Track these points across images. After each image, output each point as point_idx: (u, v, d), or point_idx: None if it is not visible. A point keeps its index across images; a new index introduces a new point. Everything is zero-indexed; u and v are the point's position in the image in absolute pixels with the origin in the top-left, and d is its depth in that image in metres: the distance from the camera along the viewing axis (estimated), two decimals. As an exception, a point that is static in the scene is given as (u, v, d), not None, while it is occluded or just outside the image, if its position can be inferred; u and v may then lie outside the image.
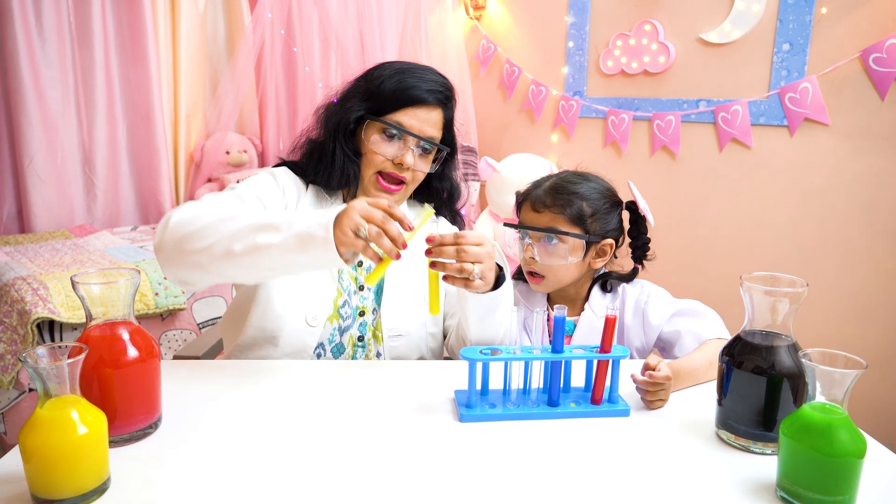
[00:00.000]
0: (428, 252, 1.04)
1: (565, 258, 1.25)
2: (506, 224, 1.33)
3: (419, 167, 1.26)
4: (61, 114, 2.96)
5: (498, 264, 1.12)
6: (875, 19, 2.20)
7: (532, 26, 3.14)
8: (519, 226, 1.29)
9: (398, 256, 0.98)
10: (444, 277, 1.05)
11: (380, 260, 0.98)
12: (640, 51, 2.75)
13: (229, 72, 3.38)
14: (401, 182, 1.26)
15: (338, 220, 0.97)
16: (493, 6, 3.27)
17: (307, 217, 0.99)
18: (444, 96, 1.26)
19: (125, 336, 0.84)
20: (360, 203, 0.98)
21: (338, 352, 1.26)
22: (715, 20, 2.56)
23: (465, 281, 1.04)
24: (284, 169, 1.32)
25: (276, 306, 1.20)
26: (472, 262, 1.03)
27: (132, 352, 0.84)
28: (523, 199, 1.33)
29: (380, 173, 1.25)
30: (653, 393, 0.98)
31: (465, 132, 3.32)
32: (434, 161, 1.30)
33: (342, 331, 1.26)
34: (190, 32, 3.42)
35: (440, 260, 1.04)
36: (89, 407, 0.73)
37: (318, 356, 1.24)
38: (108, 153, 3.17)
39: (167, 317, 2.43)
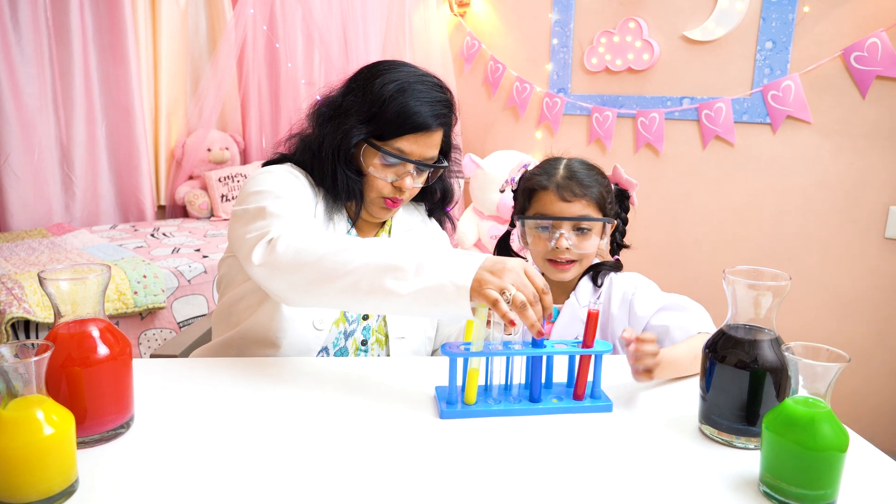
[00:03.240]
0: (537, 333, 0.93)
1: (596, 242, 1.28)
2: (538, 217, 1.28)
3: (418, 183, 1.25)
4: (38, 111, 2.91)
5: None
6: (856, 18, 2.22)
7: (516, 23, 3.13)
8: (561, 218, 1.25)
9: (540, 335, 0.91)
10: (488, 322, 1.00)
11: (511, 323, 0.89)
12: (625, 48, 2.75)
13: (211, 68, 3.34)
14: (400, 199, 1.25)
15: (484, 274, 0.90)
16: (478, 3, 3.26)
17: (439, 267, 0.92)
18: (446, 116, 1.22)
19: (95, 333, 0.82)
20: (517, 274, 0.90)
21: (341, 356, 1.23)
22: (699, 18, 2.56)
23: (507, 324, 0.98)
24: (297, 169, 1.25)
25: (284, 308, 1.16)
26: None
27: (102, 349, 0.82)
28: (539, 190, 1.28)
29: (382, 196, 1.23)
30: (640, 359, 0.96)
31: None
32: (435, 174, 1.29)
33: (347, 335, 1.24)
34: (171, 28, 3.37)
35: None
36: (56, 407, 0.70)
37: None
38: (86, 150, 3.12)
39: (147, 316, 2.39)
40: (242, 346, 1.19)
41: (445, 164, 1.28)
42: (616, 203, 1.36)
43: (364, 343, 1.26)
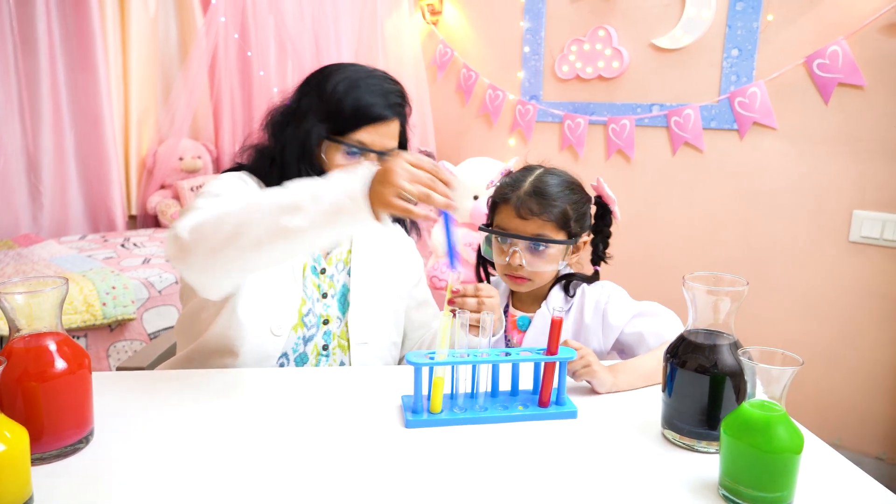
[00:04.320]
0: (451, 301, 1.06)
1: (553, 263, 1.25)
2: (491, 230, 1.29)
3: None
4: (3, 119, 2.86)
5: None
6: (818, 27, 2.27)
7: (488, 31, 3.15)
8: (504, 233, 1.26)
9: (450, 207, 0.93)
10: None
11: (433, 221, 0.95)
12: (595, 56, 2.78)
13: (182, 76, 3.31)
14: None
15: (377, 187, 0.91)
16: (450, 11, 3.27)
17: (331, 188, 0.93)
18: (401, 106, 1.24)
19: (52, 347, 0.81)
20: (402, 167, 0.91)
21: (301, 361, 1.22)
22: (666, 26, 2.60)
23: (476, 328, 1.06)
24: (247, 174, 1.26)
25: (240, 315, 1.15)
26: (488, 313, 1.03)
27: (60, 364, 0.80)
28: (500, 201, 1.29)
29: None
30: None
31: (423, 137, 3.31)
32: None
33: (306, 340, 1.23)
34: (140, 35, 3.34)
35: (459, 311, 1.03)
36: (7, 422, 0.69)
37: (282, 366, 1.20)
38: (54, 160, 3.06)
39: (116, 327, 2.36)
40: (202, 359, 1.18)
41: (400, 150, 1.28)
42: (598, 218, 1.35)
43: (325, 348, 1.25)
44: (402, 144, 1.30)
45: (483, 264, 1.40)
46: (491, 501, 0.76)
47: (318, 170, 1.21)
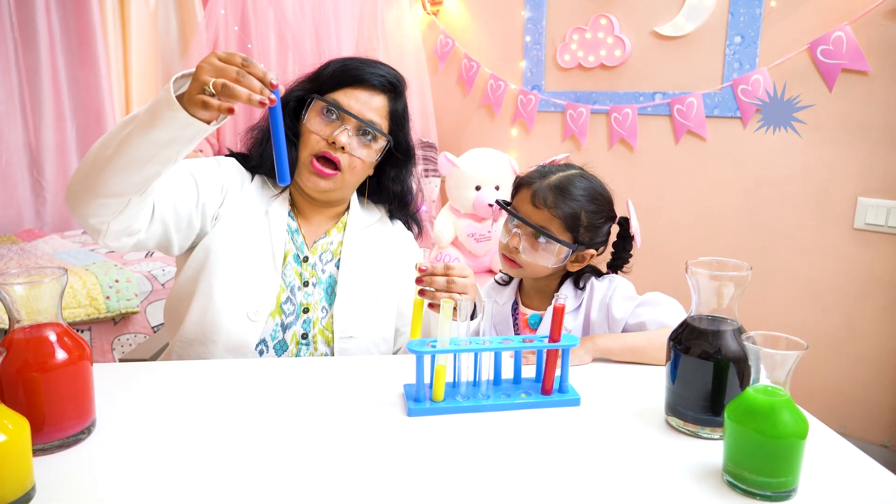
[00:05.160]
0: (419, 280, 1.05)
1: (548, 260, 1.23)
2: (500, 203, 1.28)
3: (356, 152, 1.23)
4: (5, 115, 2.86)
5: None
6: (822, 12, 2.24)
7: (489, 21, 3.13)
8: (513, 213, 1.24)
9: (272, 102, 0.92)
10: (430, 305, 1.07)
11: (229, 111, 0.91)
12: (597, 44, 2.76)
13: (182, 69, 3.30)
14: (336, 168, 1.23)
15: (187, 90, 0.92)
16: (451, 2, 3.25)
17: (157, 98, 0.95)
18: (389, 84, 1.24)
19: (52, 338, 0.80)
20: (208, 61, 0.91)
21: (280, 349, 1.22)
22: (668, 13, 2.58)
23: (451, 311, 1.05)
24: (231, 159, 1.30)
25: (217, 300, 1.16)
26: (460, 294, 1.04)
27: (60, 354, 0.80)
28: (523, 185, 1.28)
29: (315, 156, 1.22)
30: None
31: (425, 128, 3.30)
32: (377, 151, 1.27)
33: (285, 328, 1.22)
34: (141, 29, 3.33)
35: (429, 289, 1.05)
36: (9, 413, 0.69)
37: (261, 353, 1.20)
38: (56, 155, 3.07)
39: (120, 321, 2.36)
40: (182, 349, 1.19)
41: (387, 134, 1.26)
42: (619, 237, 1.33)
43: (305, 336, 1.23)
44: (394, 134, 1.29)
45: None
46: (494, 489, 0.75)
47: (298, 134, 1.25)
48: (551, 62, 2.94)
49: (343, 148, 1.21)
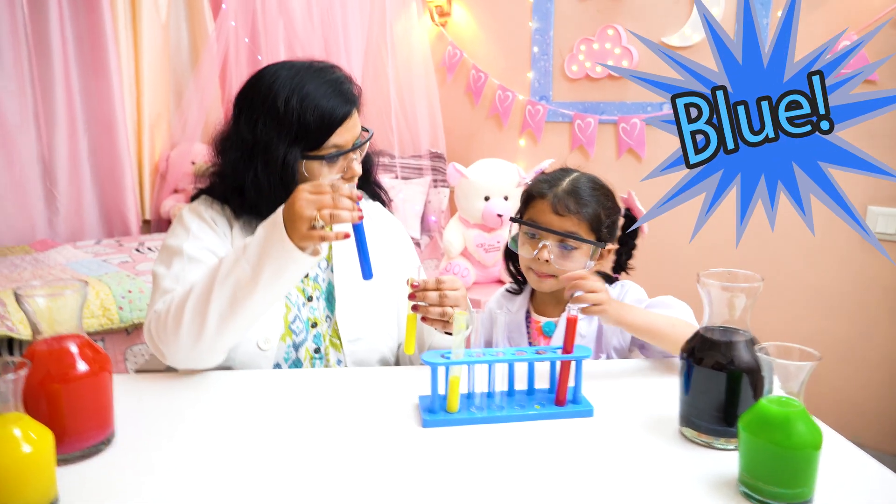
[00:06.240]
0: (411, 296, 1.08)
1: (579, 263, 1.24)
2: (524, 222, 1.28)
3: (359, 166, 1.24)
4: (19, 126, 2.89)
5: None
6: (828, 22, 2.25)
7: (497, 32, 3.16)
8: (543, 228, 1.24)
9: (360, 219, 1.02)
10: (423, 318, 1.09)
11: (345, 236, 1.01)
12: (604, 55, 2.78)
13: (194, 81, 3.34)
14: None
15: (289, 226, 0.98)
16: (459, 13, 3.28)
17: (251, 246, 1.02)
18: (353, 90, 1.22)
19: (73, 350, 0.82)
20: (303, 199, 0.98)
21: (295, 367, 1.22)
22: (676, 24, 2.59)
23: (444, 323, 1.09)
24: (203, 201, 1.25)
25: None
26: (452, 307, 1.07)
27: (81, 366, 0.81)
28: (537, 197, 1.28)
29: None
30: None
31: (434, 139, 3.32)
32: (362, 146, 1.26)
33: (297, 346, 1.22)
34: (152, 41, 3.37)
35: (422, 304, 1.08)
36: (34, 424, 0.70)
37: None
38: (69, 165, 3.10)
39: (133, 331, 2.38)
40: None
41: (371, 132, 1.26)
42: (626, 229, 1.35)
43: (317, 351, 1.23)
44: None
45: (510, 259, 1.39)
46: (508, 500, 0.76)
47: (292, 181, 1.18)
48: (559, 72, 2.95)
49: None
